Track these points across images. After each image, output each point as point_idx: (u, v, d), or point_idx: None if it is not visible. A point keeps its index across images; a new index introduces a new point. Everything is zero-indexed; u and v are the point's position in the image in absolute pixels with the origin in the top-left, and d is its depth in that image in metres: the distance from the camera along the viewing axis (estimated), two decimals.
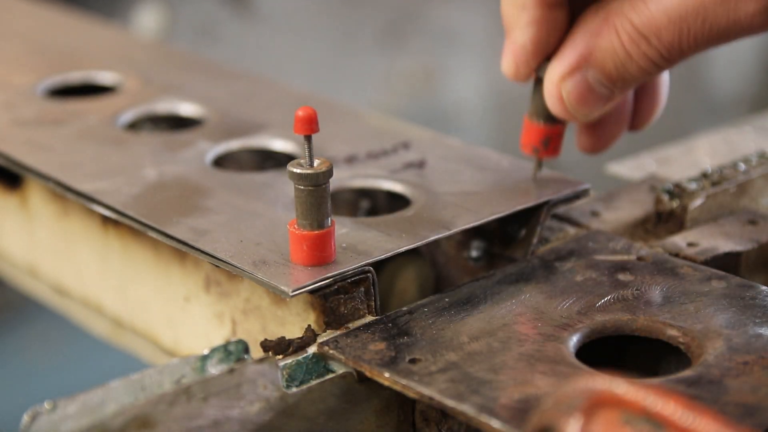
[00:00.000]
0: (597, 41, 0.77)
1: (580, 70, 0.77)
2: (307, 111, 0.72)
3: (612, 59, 0.76)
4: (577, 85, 0.78)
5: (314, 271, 0.73)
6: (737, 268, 0.81)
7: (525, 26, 0.78)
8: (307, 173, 0.72)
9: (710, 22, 0.73)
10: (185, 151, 0.92)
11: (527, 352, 0.68)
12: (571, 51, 0.78)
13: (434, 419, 0.71)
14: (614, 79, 0.77)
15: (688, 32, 0.74)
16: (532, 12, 0.78)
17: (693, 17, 0.73)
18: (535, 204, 0.81)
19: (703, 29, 0.73)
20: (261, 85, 1.08)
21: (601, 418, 0.54)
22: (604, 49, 0.76)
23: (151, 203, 0.83)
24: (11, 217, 1.01)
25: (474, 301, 0.74)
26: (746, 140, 1.01)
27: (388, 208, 0.86)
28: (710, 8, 0.73)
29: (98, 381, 0.65)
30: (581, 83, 0.78)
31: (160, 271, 0.87)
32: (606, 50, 0.76)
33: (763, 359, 0.67)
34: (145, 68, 1.12)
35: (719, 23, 0.73)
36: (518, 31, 0.79)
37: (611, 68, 0.77)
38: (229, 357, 0.68)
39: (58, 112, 1.01)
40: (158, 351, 0.90)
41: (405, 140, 0.93)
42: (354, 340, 0.70)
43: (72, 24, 1.28)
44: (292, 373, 0.69)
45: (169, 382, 0.66)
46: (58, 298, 0.99)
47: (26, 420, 0.61)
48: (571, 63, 0.77)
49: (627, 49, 0.76)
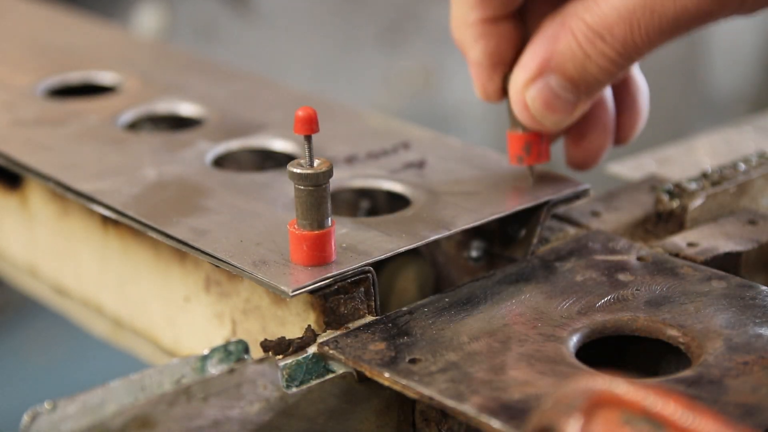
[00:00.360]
0: (555, 45, 0.77)
1: (542, 77, 0.78)
2: (307, 111, 0.72)
3: (572, 61, 0.77)
4: (541, 92, 0.78)
5: (314, 271, 0.73)
6: (737, 268, 0.81)
7: (474, 44, 0.80)
8: (307, 173, 0.72)
9: (659, 13, 0.74)
10: (185, 151, 0.92)
11: (527, 352, 0.68)
12: (531, 58, 0.78)
13: (434, 419, 0.71)
14: (577, 82, 0.78)
15: (638, 26, 0.74)
16: (477, 29, 0.79)
17: (641, 11, 0.74)
18: (535, 204, 0.81)
19: (653, 21, 0.74)
20: (261, 85, 1.08)
21: (601, 418, 0.54)
22: (563, 52, 0.77)
23: (151, 203, 0.83)
24: (11, 217, 1.01)
25: (474, 301, 0.74)
26: (746, 140, 1.01)
27: (388, 208, 0.86)
28: (657, 0, 0.73)
29: (98, 381, 0.65)
30: (545, 89, 0.78)
31: (160, 271, 0.87)
32: (564, 53, 0.77)
33: (763, 359, 0.67)
34: (145, 68, 1.12)
35: (667, 14, 0.74)
36: (470, 50, 0.80)
37: (572, 71, 0.77)
38: (229, 357, 0.68)
39: (58, 112, 1.01)
40: (158, 351, 0.90)
41: (405, 140, 0.93)
42: (354, 340, 0.70)
43: (72, 24, 1.28)
44: (292, 373, 0.69)
45: (169, 382, 0.66)
46: (58, 298, 0.99)
47: (26, 420, 0.61)
48: (532, 70, 0.78)
49: (584, 49, 0.76)
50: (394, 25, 2.65)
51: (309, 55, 2.59)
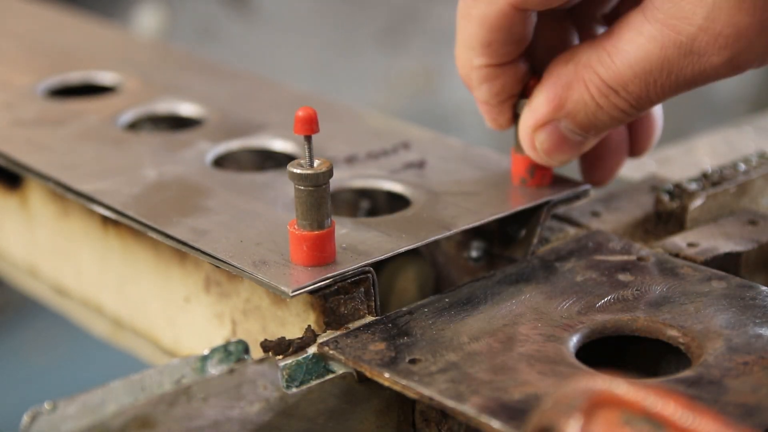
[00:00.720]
0: (568, 93, 0.77)
1: (552, 122, 0.78)
2: (307, 111, 0.72)
3: (584, 111, 0.77)
4: (550, 135, 0.79)
5: (314, 271, 0.73)
6: (737, 268, 0.81)
7: (479, 85, 0.80)
8: (307, 173, 0.72)
9: (675, 74, 0.73)
10: (185, 151, 0.92)
11: (527, 353, 0.68)
12: (542, 103, 0.78)
13: (434, 419, 0.71)
14: (586, 128, 0.78)
15: (654, 84, 0.74)
16: (482, 72, 0.79)
17: (658, 71, 0.73)
18: (535, 204, 0.81)
19: (669, 81, 0.74)
20: (261, 85, 1.08)
21: (601, 418, 0.54)
22: (575, 102, 0.77)
23: (151, 203, 0.83)
24: (11, 217, 1.01)
25: (474, 302, 0.74)
26: (746, 140, 1.01)
27: (388, 209, 0.86)
28: (674, 61, 0.73)
29: (98, 381, 0.65)
30: (554, 133, 0.78)
31: (160, 272, 0.87)
32: (577, 102, 0.77)
33: (763, 359, 0.67)
34: (145, 68, 1.12)
35: (685, 74, 0.73)
36: (476, 90, 0.80)
37: (583, 119, 0.77)
38: (229, 357, 0.68)
39: (58, 112, 1.01)
40: (158, 351, 0.90)
41: (405, 140, 0.93)
42: (354, 341, 0.70)
43: (72, 24, 1.28)
44: (292, 374, 0.69)
45: (169, 382, 0.66)
46: (58, 298, 0.99)
47: (26, 420, 0.61)
48: (544, 114, 0.78)
49: (597, 102, 0.76)
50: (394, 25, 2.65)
51: (309, 55, 2.59)
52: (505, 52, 0.78)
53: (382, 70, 2.65)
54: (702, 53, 0.72)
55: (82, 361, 2.10)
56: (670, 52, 0.73)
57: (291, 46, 2.56)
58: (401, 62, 2.66)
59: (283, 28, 2.55)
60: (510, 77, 0.79)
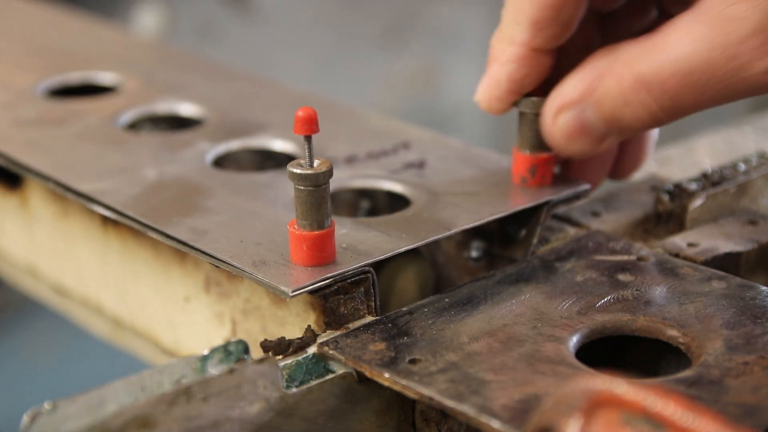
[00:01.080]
0: (600, 82, 0.76)
1: (578, 106, 0.77)
2: (307, 111, 0.72)
3: (611, 102, 0.76)
4: (573, 120, 0.78)
5: (314, 271, 0.73)
6: (737, 268, 0.81)
7: (506, 62, 0.79)
8: (307, 173, 0.72)
9: (718, 78, 0.72)
10: (185, 151, 0.92)
11: (527, 353, 0.68)
12: (573, 86, 0.78)
13: (434, 419, 0.71)
14: (610, 122, 0.77)
15: (693, 87, 0.73)
16: (517, 50, 0.78)
17: (699, 72, 0.72)
18: (535, 204, 0.81)
19: (709, 85, 0.72)
20: (261, 85, 1.08)
21: (601, 418, 0.54)
22: (606, 91, 0.76)
23: (151, 203, 0.83)
24: (11, 217, 1.01)
25: (474, 302, 0.74)
26: (746, 140, 1.01)
27: (388, 209, 0.86)
28: (719, 65, 0.72)
29: (98, 381, 0.65)
30: (577, 118, 0.78)
31: (160, 272, 0.87)
32: (607, 92, 0.76)
33: (763, 359, 0.67)
34: (145, 68, 1.12)
35: (726, 80, 0.72)
36: (498, 65, 0.79)
37: (608, 110, 0.76)
38: (229, 357, 0.68)
39: (58, 112, 1.01)
40: (158, 351, 0.90)
41: (405, 140, 0.93)
42: (354, 341, 0.70)
43: (72, 24, 1.28)
44: (292, 374, 0.69)
45: (169, 382, 0.66)
46: (58, 298, 0.99)
47: (26, 420, 0.61)
48: (571, 97, 0.77)
49: (626, 96, 0.75)
50: (394, 25, 2.65)
51: (309, 55, 2.59)
52: (549, 35, 0.77)
53: (382, 70, 2.65)
54: (748, 58, 0.71)
55: (82, 361, 2.11)
56: (716, 54, 0.71)
57: (291, 46, 2.56)
58: (401, 62, 2.66)
59: (283, 28, 2.55)
60: (536, 70, 0.79)
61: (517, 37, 0.78)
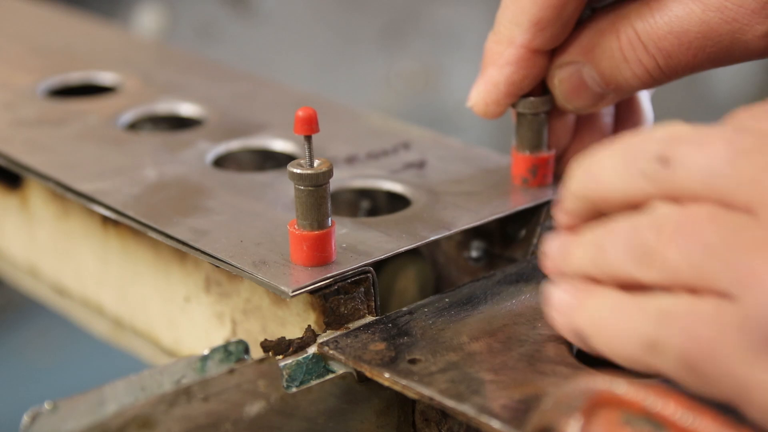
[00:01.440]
0: (599, 39, 0.77)
1: (576, 63, 0.78)
2: (307, 111, 0.72)
3: (609, 60, 0.77)
4: (571, 76, 0.79)
5: (314, 271, 0.73)
6: None
7: (504, 65, 0.79)
8: (307, 173, 0.72)
9: (713, 40, 0.73)
10: (185, 151, 0.92)
11: (527, 352, 0.68)
12: (573, 44, 0.78)
13: (434, 419, 0.71)
14: (607, 80, 0.78)
15: (688, 46, 0.74)
16: (516, 51, 0.78)
17: (695, 32, 0.73)
18: (536, 204, 0.81)
19: (704, 46, 0.73)
20: (261, 85, 1.08)
21: (601, 418, 0.54)
22: (603, 49, 0.77)
23: (151, 203, 0.83)
24: (11, 217, 1.01)
25: (474, 302, 0.74)
26: None
27: (388, 208, 0.86)
28: (714, 26, 0.72)
29: (98, 381, 0.65)
30: (575, 75, 0.78)
31: (160, 272, 0.87)
32: (605, 50, 0.77)
33: None
34: (145, 68, 1.12)
35: (722, 42, 0.73)
36: (495, 68, 0.79)
37: (606, 68, 0.77)
38: (229, 357, 0.68)
39: (58, 112, 1.01)
40: (158, 351, 0.90)
41: (405, 140, 0.93)
42: (354, 341, 0.70)
43: (72, 24, 1.28)
44: (292, 373, 0.69)
45: (169, 382, 0.66)
46: (58, 298, 0.99)
47: (26, 420, 0.61)
48: (569, 52, 0.78)
49: (624, 54, 0.76)
50: (394, 25, 2.65)
51: (309, 55, 2.59)
52: (550, 35, 0.77)
53: (382, 70, 2.65)
54: (746, 21, 0.71)
55: (82, 361, 2.10)
56: (712, 16, 0.72)
57: (291, 47, 2.56)
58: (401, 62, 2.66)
59: (283, 28, 2.55)
60: (533, 71, 0.79)
61: (517, 38, 0.78)
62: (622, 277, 0.60)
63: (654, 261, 0.58)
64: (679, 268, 0.57)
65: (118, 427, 0.63)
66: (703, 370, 0.57)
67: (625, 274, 0.60)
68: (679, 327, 0.57)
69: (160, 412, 0.64)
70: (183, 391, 0.65)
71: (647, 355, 0.59)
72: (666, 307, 0.58)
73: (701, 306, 0.57)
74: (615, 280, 0.61)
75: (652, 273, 0.59)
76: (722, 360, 0.56)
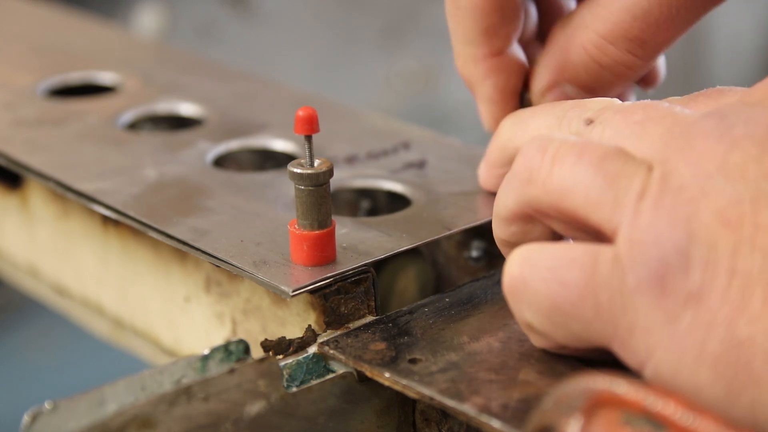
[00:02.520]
0: (566, 57, 0.76)
1: (557, 87, 0.77)
2: (307, 111, 0.72)
3: (585, 72, 0.75)
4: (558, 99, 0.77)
5: (314, 271, 0.73)
6: None
7: (483, 80, 0.78)
8: (308, 173, 0.72)
9: (677, 4, 0.71)
10: (185, 151, 0.92)
11: (527, 352, 0.68)
12: (543, 68, 0.77)
13: (435, 419, 0.71)
14: (592, 90, 0.76)
15: (656, 23, 0.72)
16: (486, 64, 0.78)
17: (657, 6, 0.71)
18: None
19: (671, 13, 0.72)
20: (261, 85, 1.08)
21: (601, 418, 0.54)
22: (575, 65, 0.76)
23: (152, 203, 0.83)
24: (11, 217, 1.01)
25: (474, 301, 0.74)
26: None
27: (388, 208, 0.86)
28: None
29: (98, 381, 0.65)
30: (561, 97, 0.77)
31: (160, 271, 0.87)
32: (576, 65, 0.76)
33: None
34: (145, 68, 1.12)
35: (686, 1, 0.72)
36: (479, 86, 0.79)
37: (586, 81, 0.76)
38: (229, 357, 0.68)
39: (58, 112, 1.01)
40: (158, 351, 0.90)
41: (405, 140, 0.93)
42: (354, 340, 0.70)
43: (72, 24, 1.28)
44: (292, 373, 0.69)
45: (169, 382, 0.66)
46: (58, 298, 0.99)
47: (26, 420, 0.61)
48: (547, 80, 0.77)
49: (597, 61, 0.74)
50: (394, 25, 2.65)
51: (309, 55, 2.59)
52: (504, 34, 0.76)
53: (382, 70, 2.65)
54: None
55: (82, 361, 2.10)
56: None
57: (291, 46, 2.56)
58: (401, 62, 2.66)
59: (283, 28, 2.55)
60: (513, 69, 0.78)
61: (477, 54, 0.77)
62: (516, 201, 0.65)
63: (538, 178, 0.61)
64: (563, 187, 0.60)
65: (118, 426, 0.63)
66: (571, 313, 0.59)
67: (516, 195, 0.64)
68: (545, 268, 0.60)
69: (161, 411, 0.64)
70: (183, 391, 0.65)
71: None
72: (534, 248, 0.61)
73: (575, 248, 0.59)
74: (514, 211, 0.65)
75: (536, 190, 0.62)
76: (594, 301, 0.58)
